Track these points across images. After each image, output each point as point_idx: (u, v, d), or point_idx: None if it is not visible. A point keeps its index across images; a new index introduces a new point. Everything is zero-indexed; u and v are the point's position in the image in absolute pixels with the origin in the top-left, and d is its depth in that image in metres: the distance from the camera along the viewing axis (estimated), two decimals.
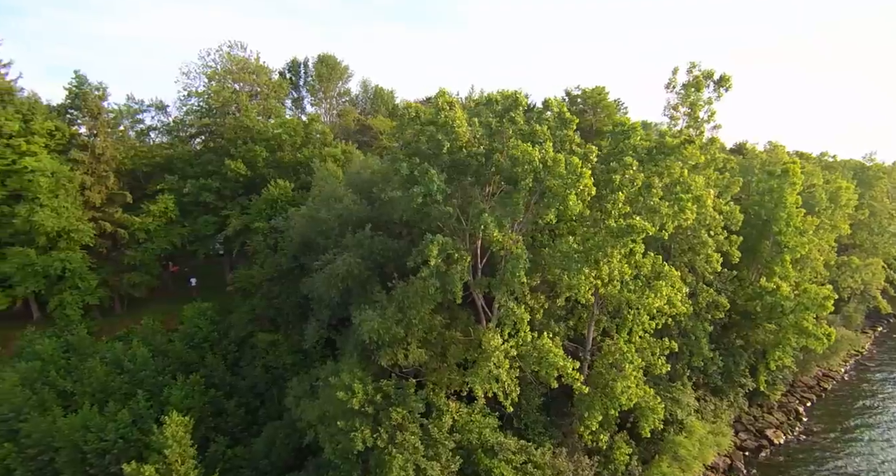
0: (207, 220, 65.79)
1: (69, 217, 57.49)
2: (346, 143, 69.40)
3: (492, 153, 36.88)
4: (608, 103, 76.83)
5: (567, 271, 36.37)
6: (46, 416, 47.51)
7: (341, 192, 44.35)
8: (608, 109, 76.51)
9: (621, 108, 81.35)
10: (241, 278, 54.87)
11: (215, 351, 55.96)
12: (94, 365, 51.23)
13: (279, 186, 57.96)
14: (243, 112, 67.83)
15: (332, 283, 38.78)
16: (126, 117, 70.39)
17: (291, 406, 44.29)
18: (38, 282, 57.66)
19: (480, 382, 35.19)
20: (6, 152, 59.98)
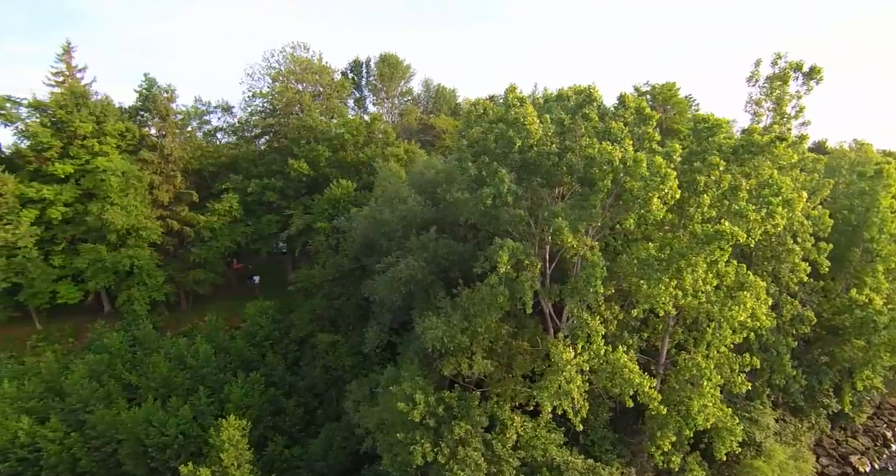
0: (270, 219, 65.27)
1: (138, 215, 57.74)
2: (408, 142, 67.66)
3: (564, 152, 34.05)
4: (679, 100, 72.61)
5: (646, 280, 33.21)
6: (111, 409, 47.60)
7: (405, 193, 42.33)
8: (679, 106, 72.29)
9: (693, 105, 76.81)
10: (303, 278, 53.82)
11: (276, 350, 55.15)
12: (157, 360, 51.17)
13: (341, 186, 56.65)
14: (306, 112, 67.01)
15: (394, 287, 36.78)
16: (194, 118, 70.69)
17: (350, 410, 42.71)
18: (108, 277, 58.17)
19: (549, 398, 32.41)
20: (81, 153, 61.06)
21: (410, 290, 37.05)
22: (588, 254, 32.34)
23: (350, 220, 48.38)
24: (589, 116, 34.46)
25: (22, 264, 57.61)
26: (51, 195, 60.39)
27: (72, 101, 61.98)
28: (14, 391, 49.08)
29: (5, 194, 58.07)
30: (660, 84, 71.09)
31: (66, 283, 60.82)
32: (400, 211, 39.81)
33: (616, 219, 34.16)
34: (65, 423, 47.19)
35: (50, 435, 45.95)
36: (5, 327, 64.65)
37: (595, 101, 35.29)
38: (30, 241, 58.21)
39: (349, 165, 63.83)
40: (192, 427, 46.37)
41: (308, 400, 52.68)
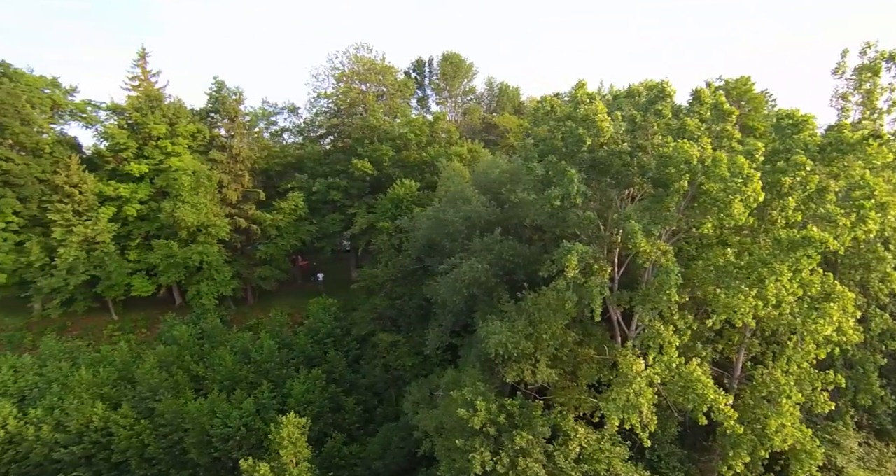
0: (334, 218, 65.61)
1: (207, 213, 59.01)
2: (471, 141, 66.64)
3: (636, 151, 32.16)
4: (755, 95, 68.36)
5: (724, 289, 30.95)
6: (179, 399, 48.79)
7: (469, 193, 41.25)
8: (755, 102, 68.07)
9: (770, 101, 72.30)
10: (366, 277, 53.68)
11: (338, 347, 55.29)
12: (223, 353, 52.10)
13: (404, 186, 56.20)
14: (370, 112, 66.94)
15: (456, 289, 35.76)
16: (261, 119, 71.89)
17: (409, 411, 42.02)
18: (179, 272, 59.72)
19: (616, 411, 30.60)
20: (155, 153, 63.08)
21: (473, 293, 35.95)
22: (662, 259, 30.33)
23: (413, 219, 47.75)
24: (662, 113, 32.40)
25: (100, 258, 59.86)
26: (127, 193, 62.61)
27: (146, 104, 64.13)
28: (90, 378, 51.00)
29: (85, 192, 60.52)
30: (733, 78, 67.10)
31: (140, 276, 62.87)
32: (463, 211, 38.77)
33: (691, 222, 32.03)
34: (135, 410, 48.72)
35: (121, 421, 47.57)
36: (85, 317, 67.54)
37: (668, 96, 33.07)
38: (107, 236, 60.40)
39: (412, 165, 63.37)
40: (254, 420, 46.95)
41: (367, 398, 52.56)
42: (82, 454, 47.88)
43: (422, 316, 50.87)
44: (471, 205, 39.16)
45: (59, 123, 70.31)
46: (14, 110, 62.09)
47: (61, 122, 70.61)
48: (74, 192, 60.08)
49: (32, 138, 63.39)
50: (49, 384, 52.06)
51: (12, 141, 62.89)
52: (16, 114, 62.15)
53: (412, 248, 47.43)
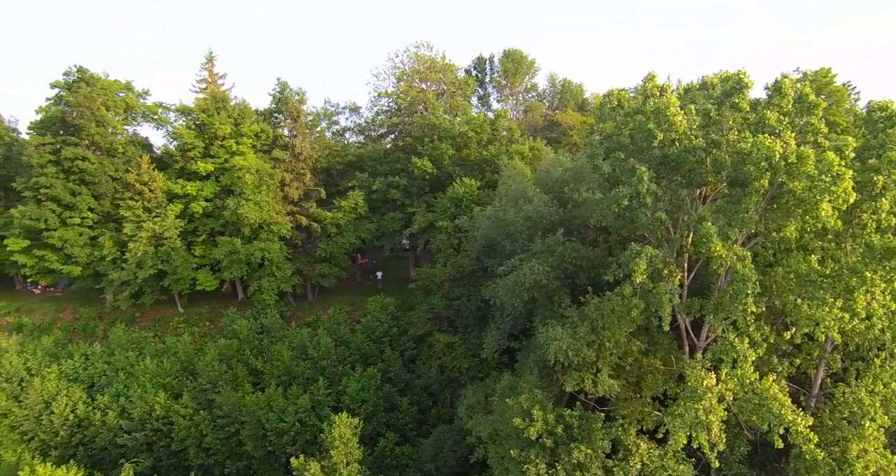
0: (394, 216, 65.24)
1: (269, 210, 59.66)
2: (533, 139, 64.94)
3: (711, 147, 29.89)
4: (836, 88, 63.92)
5: (807, 299, 28.38)
6: (237, 392, 49.40)
7: (530, 192, 39.70)
8: (836, 96, 63.58)
9: (852, 94, 67.46)
10: (424, 276, 52.98)
11: (394, 346, 54.86)
12: (281, 349, 52.47)
13: (464, 184, 55.14)
14: (430, 110, 66.19)
15: (516, 291, 34.31)
16: (323, 119, 72.35)
17: (463, 415, 40.85)
18: (242, 268, 60.61)
19: (684, 427, 28.49)
20: (220, 152, 64.35)
21: (533, 296, 34.43)
22: (738, 265, 28.00)
23: (472, 219, 46.58)
24: (739, 106, 29.99)
25: (167, 253, 61.47)
26: (193, 191, 64.12)
27: (213, 105, 65.48)
28: (154, 368, 52.35)
29: (155, 190, 62.32)
30: (812, 71, 62.70)
31: (204, 271, 64.28)
32: (525, 211, 37.26)
33: (771, 226, 29.52)
34: (195, 401, 49.68)
35: (181, 410, 48.59)
36: (153, 309, 69.72)
37: (746, 87, 30.47)
38: (174, 232, 61.96)
39: (472, 164, 62.26)
40: (309, 416, 47.02)
41: (422, 399, 51.84)
42: (144, 441, 49.24)
43: (479, 317, 49.73)
44: (532, 204, 37.58)
45: (132, 125, 72.94)
46: (90, 113, 64.59)
47: (134, 123, 73.25)
48: (144, 190, 62.00)
49: (107, 139, 65.80)
50: (116, 372, 53.82)
51: (88, 141, 65.48)
52: (91, 116, 64.63)
53: (471, 248, 46.29)
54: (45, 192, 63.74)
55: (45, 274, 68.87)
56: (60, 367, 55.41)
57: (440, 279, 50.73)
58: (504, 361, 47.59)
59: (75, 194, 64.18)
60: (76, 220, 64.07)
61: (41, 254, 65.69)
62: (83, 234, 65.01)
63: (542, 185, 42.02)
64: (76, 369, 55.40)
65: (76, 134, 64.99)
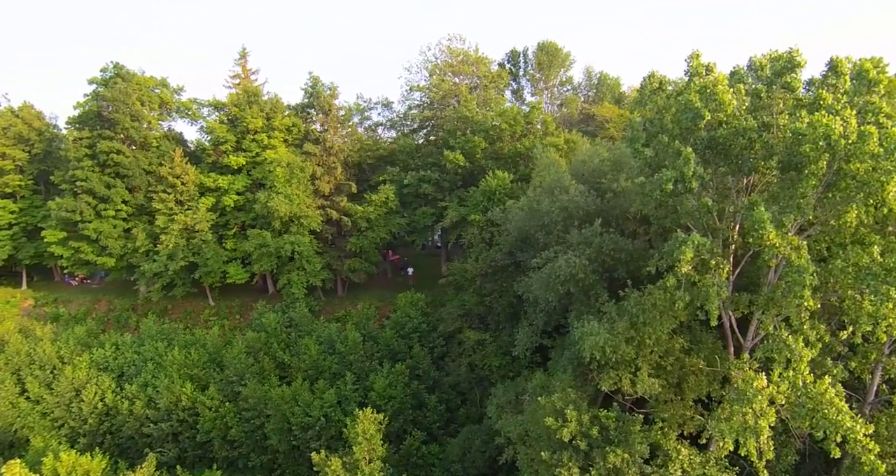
0: (425, 211, 63.74)
1: (300, 204, 58.83)
2: (569, 132, 62.72)
3: (762, 129, 27.46)
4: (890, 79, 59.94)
5: (869, 295, 25.77)
6: (263, 385, 48.50)
7: (566, 182, 37.64)
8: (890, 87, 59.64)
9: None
10: (455, 271, 51.27)
11: (423, 343, 53.38)
12: (309, 343, 51.40)
13: (497, 177, 53.26)
14: (463, 103, 64.54)
15: (550, 285, 32.37)
16: (355, 114, 71.31)
17: (492, 415, 39.07)
18: (271, 261, 59.92)
19: (731, 433, 26.15)
20: (252, 146, 63.94)
21: (569, 291, 32.40)
22: (793, 256, 25.54)
23: (505, 211, 44.73)
24: (791, 86, 27.54)
25: (198, 246, 61.19)
26: (225, 184, 63.77)
27: (245, 100, 65.09)
28: (182, 359, 51.80)
29: (187, 183, 62.10)
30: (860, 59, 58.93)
31: (235, 264, 63.85)
32: (560, 201, 35.25)
33: (828, 213, 26.92)
34: (221, 393, 48.99)
35: (207, 402, 47.94)
36: (185, 301, 69.74)
37: (798, 66, 28.00)
38: (206, 225, 61.68)
39: (506, 157, 60.33)
40: (335, 411, 45.85)
41: (450, 397, 50.21)
42: (170, 431, 48.79)
43: (511, 314, 47.87)
44: (568, 194, 35.53)
45: (167, 120, 73.19)
46: (125, 107, 64.88)
47: (169, 118, 73.49)
48: (177, 183, 61.85)
49: (141, 133, 66.05)
50: (145, 362, 53.52)
51: (123, 135, 65.79)
52: (127, 110, 64.94)
53: (504, 242, 44.45)
54: (80, 185, 64.22)
55: (80, 265, 69.54)
56: (91, 357, 55.50)
57: (471, 274, 48.99)
58: (536, 360, 45.69)
59: (110, 187, 64.52)
60: (111, 213, 64.40)
61: (77, 245, 66.31)
62: (117, 226, 65.35)
63: (578, 176, 39.92)
64: (106, 358, 55.47)
65: (111, 128, 65.37)
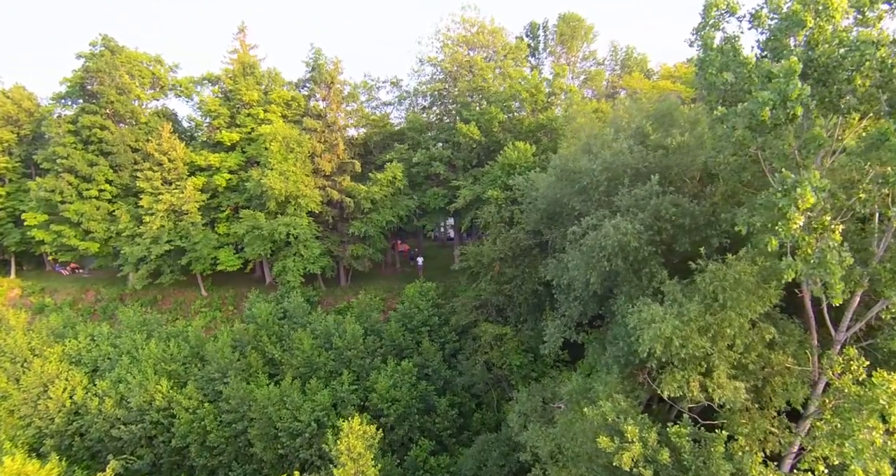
0: (437, 192, 56.20)
1: (297, 181, 51.60)
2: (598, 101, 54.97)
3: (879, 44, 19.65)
4: None
5: None
6: (249, 383, 41.44)
7: (608, 136, 29.98)
8: None
9: None
10: (470, 256, 43.51)
11: (433, 338, 45.87)
12: (302, 336, 44.04)
13: (517, 149, 45.51)
14: (478, 72, 57.03)
15: (593, 260, 24.75)
16: (363, 92, 64.03)
17: (514, 424, 31.54)
18: (265, 245, 52.82)
19: (857, 457, 18.46)
20: (247, 121, 57.40)
21: (613, 269, 24.79)
22: None
23: (530, 180, 37.08)
24: None
25: (186, 228, 54.37)
26: (216, 162, 56.97)
27: (240, 71, 58.39)
28: (159, 352, 44.80)
29: (175, 160, 55.25)
30: None
31: (227, 250, 57.00)
32: (602, 158, 27.55)
33: None
34: (201, 392, 42.19)
35: (184, 402, 41.13)
36: (177, 291, 63.14)
37: None
38: (194, 205, 54.88)
39: (526, 131, 52.60)
40: (329, 415, 38.64)
41: (464, 400, 42.86)
42: (142, 434, 42.10)
43: (534, 305, 40.38)
44: (613, 149, 27.85)
45: (160, 98, 66.59)
46: (111, 79, 58.40)
47: (163, 96, 66.88)
48: (164, 160, 54.94)
49: (128, 107, 59.34)
50: (120, 356, 46.61)
51: (109, 110, 59.21)
52: (112, 83, 58.45)
53: (527, 219, 36.81)
54: (61, 163, 57.75)
55: (64, 251, 63.00)
56: (64, 348, 48.78)
57: (488, 259, 41.44)
58: (563, 359, 38.38)
59: (93, 165, 57.91)
60: (93, 193, 57.99)
61: (59, 229, 59.81)
62: (100, 207, 58.92)
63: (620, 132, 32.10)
64: (79, 351, 48.70)
65: (96, 101, 58.84)
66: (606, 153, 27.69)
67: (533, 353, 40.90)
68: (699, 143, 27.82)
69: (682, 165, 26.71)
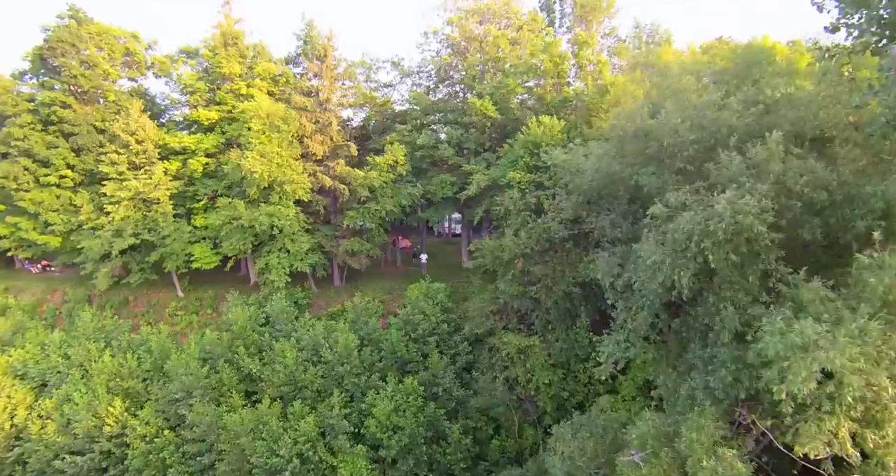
0: (444, 179, 48.15)
1: (282, 165, 43.67)
2: None
3: None
4: None
5: None
6: (220, 405, 33.59)
7: (690, 84, 22.02)
8: None
9: None
10: (487, 250, 35.56)
11: (442, 349, 37.91)
12: (284, 347, 36.06)
13: (543, 125, 37.56)
14: (493, 42, 49.20)
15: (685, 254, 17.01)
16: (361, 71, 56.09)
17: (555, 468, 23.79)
18: (245, 239, 44.84)
19: None
20: (227, 98, 49.39)
21: (712, 265, 17.00)
22: None
23: (570, 152, 29.16)
24: None
25: (154, 220, 46.48)
26: (192, 144, 49.09)
27: (221, 42, 50.51)
28: (114, 367, 36.90)
29: (144, 141, 47.30)
30: None
31: (203, 245, 48.98)
32: (688, 115, 19.70)
33: None
34: (160, 416, 34.27)
35: (139, 429, 33.27)
36: (151, 292, 55.32)
37: None
38: (165, 193, 47.03)
39: (548, 107, 44.76)
40: (314, 448, 30.81)
41: (480, 425, 35.11)
42: (91, 466, 34.34)
43: (566, 310, 32.72)
44: (703, 100, 19.95)
45: (137, 76, 58.48)
46: (75, 50, 50.54)
47: (140, 75, 58.81)
48: (131, 141, 46.98)
49: (94, 82, 51.33)
50: (70, 369, 38.73)
51: (73, 86, 51.36)
52: (76, 55, 50.55)
53: (565, 203, 28.90)
54: (16, 145, 49.87)
55: (24, 247, 55.13)
56: (8, 360, 40.97)
57: (510, 255, 33.61)
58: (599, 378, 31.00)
59: (52, 148, 50.07)
60: (52, 179, 50.19)
61: (15, 221, 51.95)
62: (61, 196, 51.10)
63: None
64: (25, 362, 40.76)
65: (58, 76, 51.03)
66: (694, 104, 19.80)
67: (565, 368, 33.34)
68: (810, 98, 20.10)
69: (796, 124, 18.93)
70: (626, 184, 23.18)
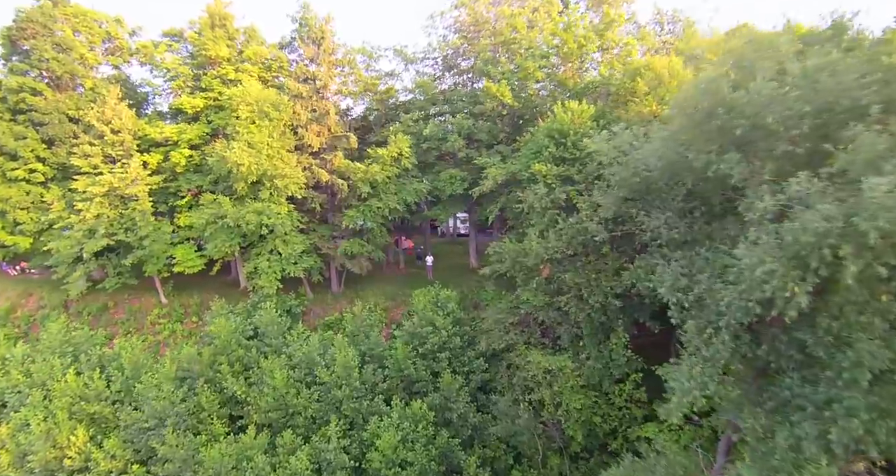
0: (453, 174, 43.50)
1: (273, 157, 39.06)
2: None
3: None
4: None
5: None
6: (199, 435, 28.91)
7: (784, 45, 17.31)
8: None
9: None
10: (507, 254, 30.81)
11: (455, 366, 33.30)
12: (273, 366, 31.37)
13: (570, 110, 32.89)
14: (507, 23, 44.54)
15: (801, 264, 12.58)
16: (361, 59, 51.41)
17: None
18: (232, 240, 40.21)
19: None
20: (214, 83, 44.71)
21: (832, 277, 12.55)
22: None
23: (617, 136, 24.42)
24: None
25: (131, 218, 41.85)
26: (174, 135, 44.45)
27: (207, 23, 45.85)
28: (78, 387, 32.17)
29: (120, 131, 42.64)
30: None
31: (186, 247, 44.32)
32: (796, 82, 14.93)
33: None
34: (129, 447, 29.48)
35: (103, 464, 28.38)
36: (133, 298, 50.76)
37: None
38: (143, 189, 42.39)
39: (572, 91, 40.18)
40: None
41: (499, 455, 30.56)
42: None
43: (600, 325, 28.17)
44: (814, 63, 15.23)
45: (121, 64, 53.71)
46: (47, 32, 45.89)
47: (124, 62, 54.05)
48: (106, 131, 42.32)
49: (67, 67, 46.66)
50: (31, 389, 34.02)
51: (45, 71, 46.73)
52: (48, 36, 45.93)
53: (608, 198, 24.15)
54: None
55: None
56: None
57: (534, 260, 29.03)
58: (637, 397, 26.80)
59: (20, 139, 45.44)
60: (20, 174, 45.51)
61: None
62: (31, 192, 46.36)
63: None
64: None
65: (28, 60, 46.40)
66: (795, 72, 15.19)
67: (599, 391, 28.82)
68: None
69: None
70: (696, 174, 18.55)
